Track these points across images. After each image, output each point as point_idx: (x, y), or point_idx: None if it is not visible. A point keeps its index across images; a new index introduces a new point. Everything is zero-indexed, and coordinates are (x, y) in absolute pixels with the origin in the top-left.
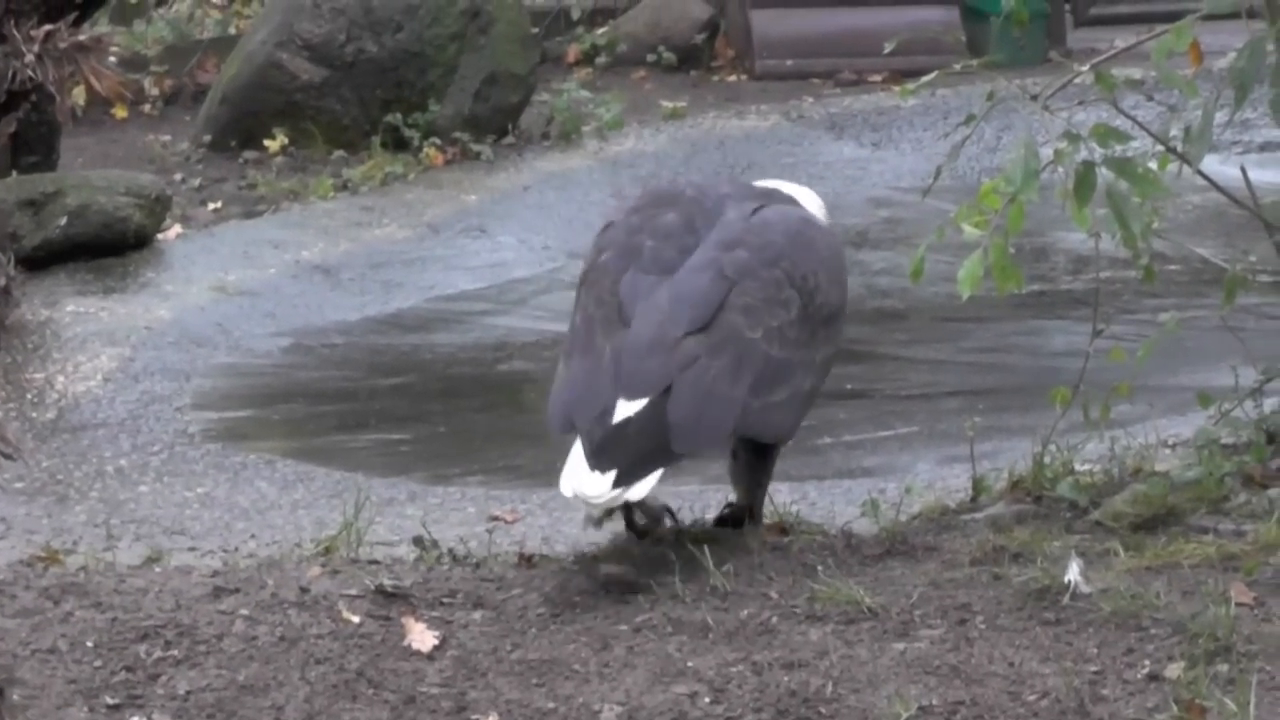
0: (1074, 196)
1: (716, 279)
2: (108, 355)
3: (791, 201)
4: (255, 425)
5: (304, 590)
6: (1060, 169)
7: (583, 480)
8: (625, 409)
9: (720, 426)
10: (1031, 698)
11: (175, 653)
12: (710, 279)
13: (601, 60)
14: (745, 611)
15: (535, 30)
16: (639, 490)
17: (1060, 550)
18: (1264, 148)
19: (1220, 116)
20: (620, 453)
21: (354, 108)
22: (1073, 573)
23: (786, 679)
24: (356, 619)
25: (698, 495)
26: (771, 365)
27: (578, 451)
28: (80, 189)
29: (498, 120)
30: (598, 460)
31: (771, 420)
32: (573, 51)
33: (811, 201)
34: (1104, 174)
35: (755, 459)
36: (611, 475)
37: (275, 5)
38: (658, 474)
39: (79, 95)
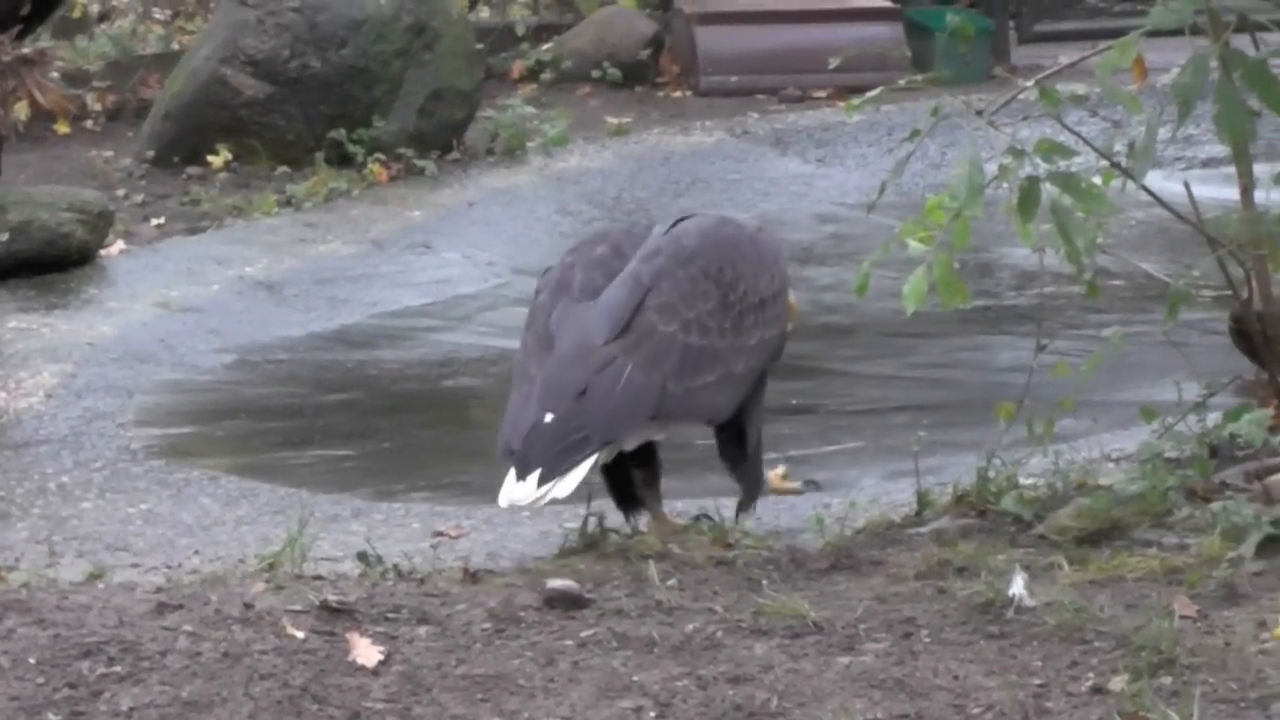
0: (1018, 212)
1: (633, 289)
2: (50, 372)
3: (725, 214)
4: (199, 441)
5: (248, 606)
6: (1005, 184)
7: (512, 489)
8: (547, 419)
9: (636, 413)
10: (976, 711)
11: (119, 669)
12: (628, 290)
13: (546, 76)
14: (691, 626)
15: (480, 46)
16: (566, 486)
17: (1005, 564)
18: (1207, 163)
19: (1164, 132)
20: (539, 453)
21: (298, 124)
22: (1017, 586)
23: (732, 693)
24: (301, 635)
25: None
26: (692, 353)
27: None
28: (23, 205)
29: (443, 136)
30: (522, 467)
31: (701, 402)
32: (518, 68)
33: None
34: (1048, 189)
35: (730, 444)
36: (535, 476)
37: (219, 21)
38: (584, 466)
39: (21, 110)
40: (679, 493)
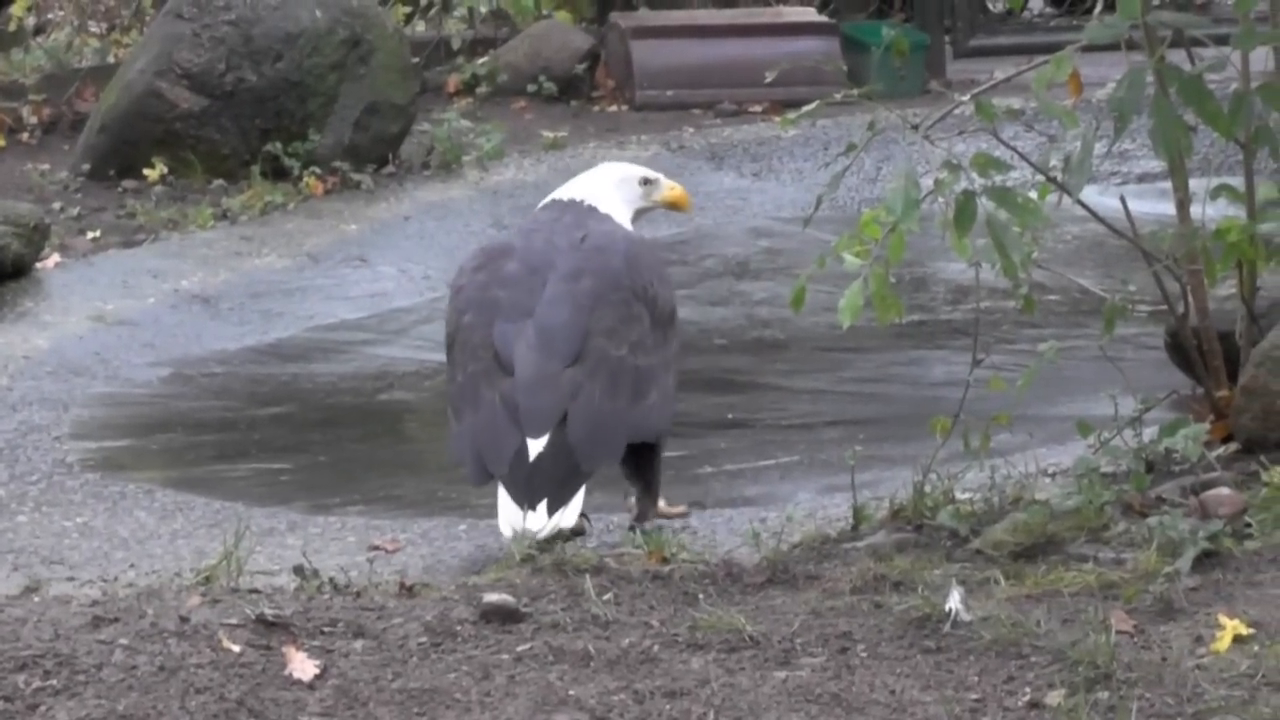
0: (954, 226)
1: (574, 311)
2: None
3: (596, 214)
4: (134, 455)
5: (184, 620)
6: (940, 199)
7: (519, 518)
8: (535, 446)
9: (616, 440)
10: None
11: (54, 683)
12: (569, 313)
13: (482, 90)
14: (627, 640)
15: (415, 60)
16: (571, 513)
17: (941, 578)
18: (1142, 178)
19: (1099, 147)
20: (544, 485)
21: (233, 137)
22: (953, 601)
23: (668, 707)
24: (237, 648)
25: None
26: (640, 375)
27: (505, 494)
28: None
29: (378, 150)
30: (530, 496)
31: (649, 421)
32: (453, 81)
33: (603, 196)
34: (984, 204)
35: (643, 459)
36: (544, 506)
37: (154, 34)
38: (580, 493)
39: None
40: (615, 506)
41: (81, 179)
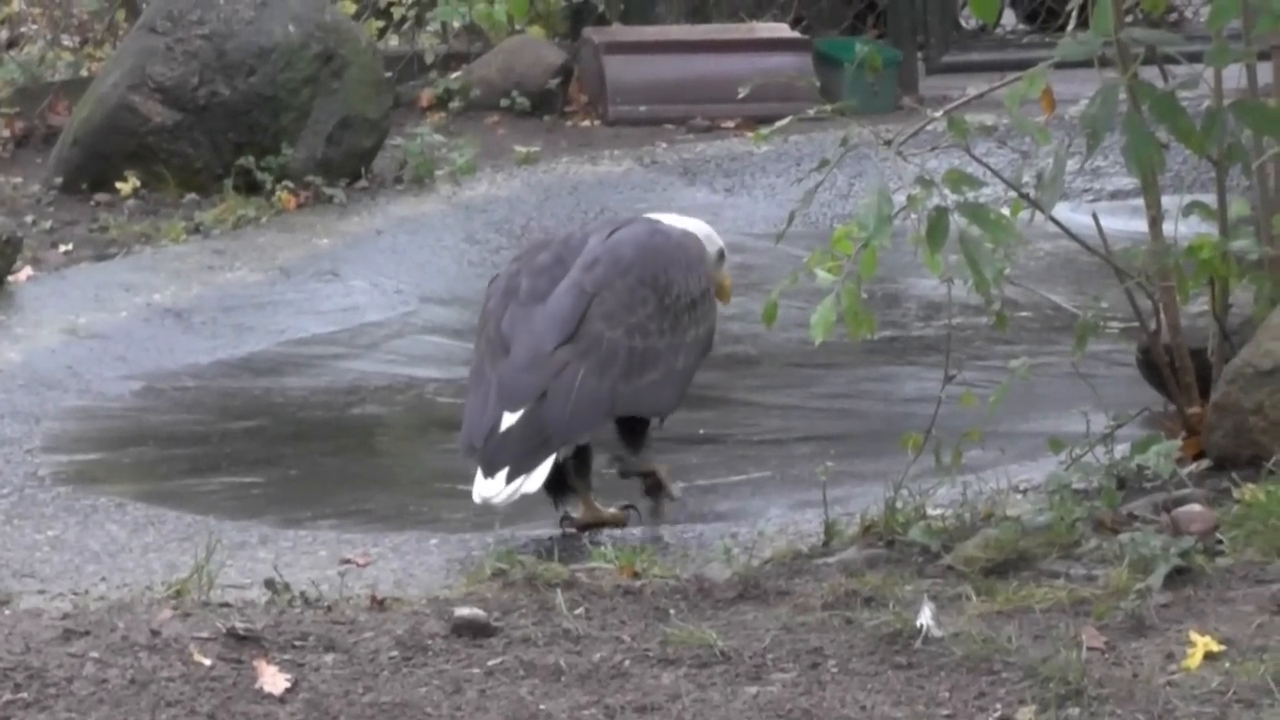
0: (927, 242)
1: (578, 296)
2: None
3: (652, 222)
4: (106, 468)
5: (155, 633)
6: (913, 215)
7: (483, 486)
8: (508, 420)
9: (593, 415)
10: None
11: (25, 695)
12: (573, 298)
13: (455, 105)
14: (598, 655)
15: (389, 75)
16: (534, 482)
17: (912, 594)
18: (1115, 195)
19: (1072, 163)
20: (507, 454)
21: (206, 151)
22: (924, 617)
23: None
24: (208, 662)
25: None
26: (636, 355)
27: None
28: None
29: (351, 164)
30: (490, 467)
31: (648, 398)
32: (426, 96)
33: (690, 225)
34: (957, 220)
35: (633, 431)
36: (504, 474)
37: (127, 48)
38: (548, 464)
39: None
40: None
41: (54, 192)
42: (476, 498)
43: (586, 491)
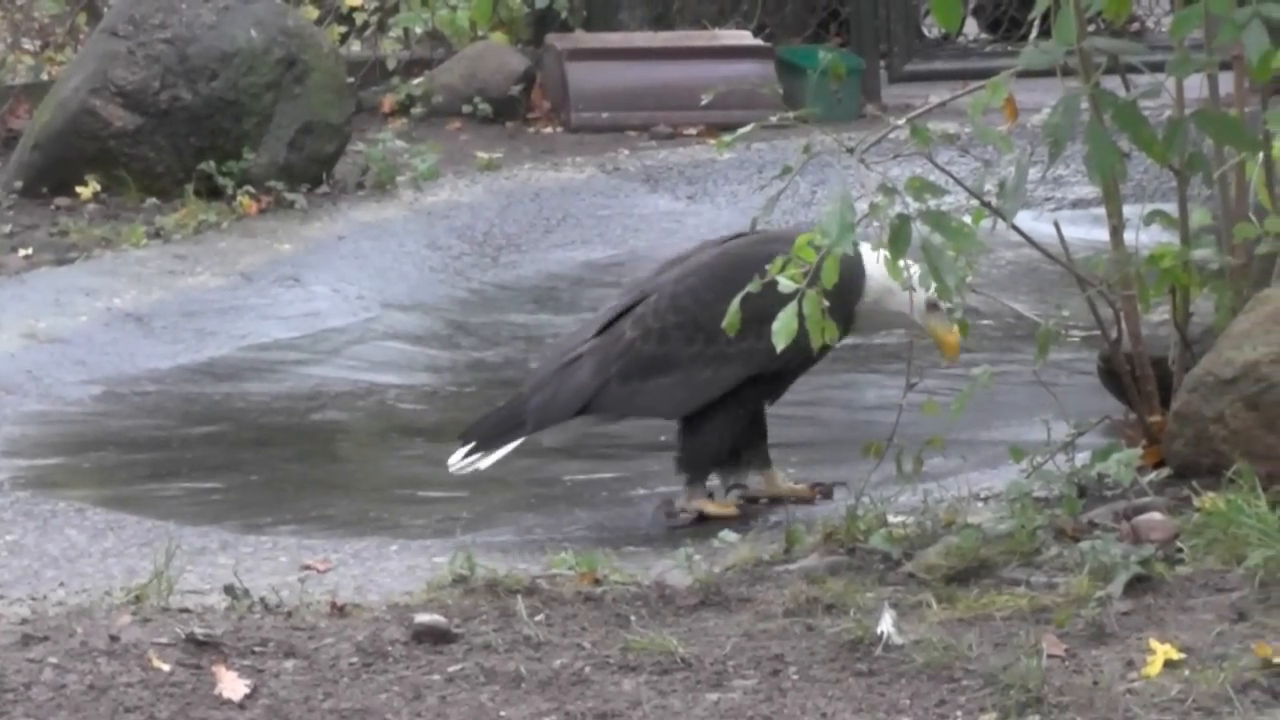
0: (889, 249)
1: (633, 296)
2: None
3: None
4: (65, 473)
5: (114, 639)
6: (876, 222)
7: (451, 455)
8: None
9: (568, 406)
10: None
11: None
12: (629, 297)
13: (417, 111)
14: (559, 661)
15: (351, 80)
16: (487, 461)
17: (873, 602)
18: (1077, 204)
19: (1034, 172)
20: (481, 431)
21: (168, 155)
22: (885, 624)
23: None
24: (167, 667)
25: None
26: (645, 359)
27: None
28: None
29: (313, 169)
30: (464, 438)
31: (646, 400)
32: (388, 102)
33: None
34: (919, 227)
35: (683, 434)
36: (468, 448)
37: (89, 52)
38: (511, 446)
39: None
40: (547, 528)
41: (14, 196)
42: (450, 465)
43: (768, 464)
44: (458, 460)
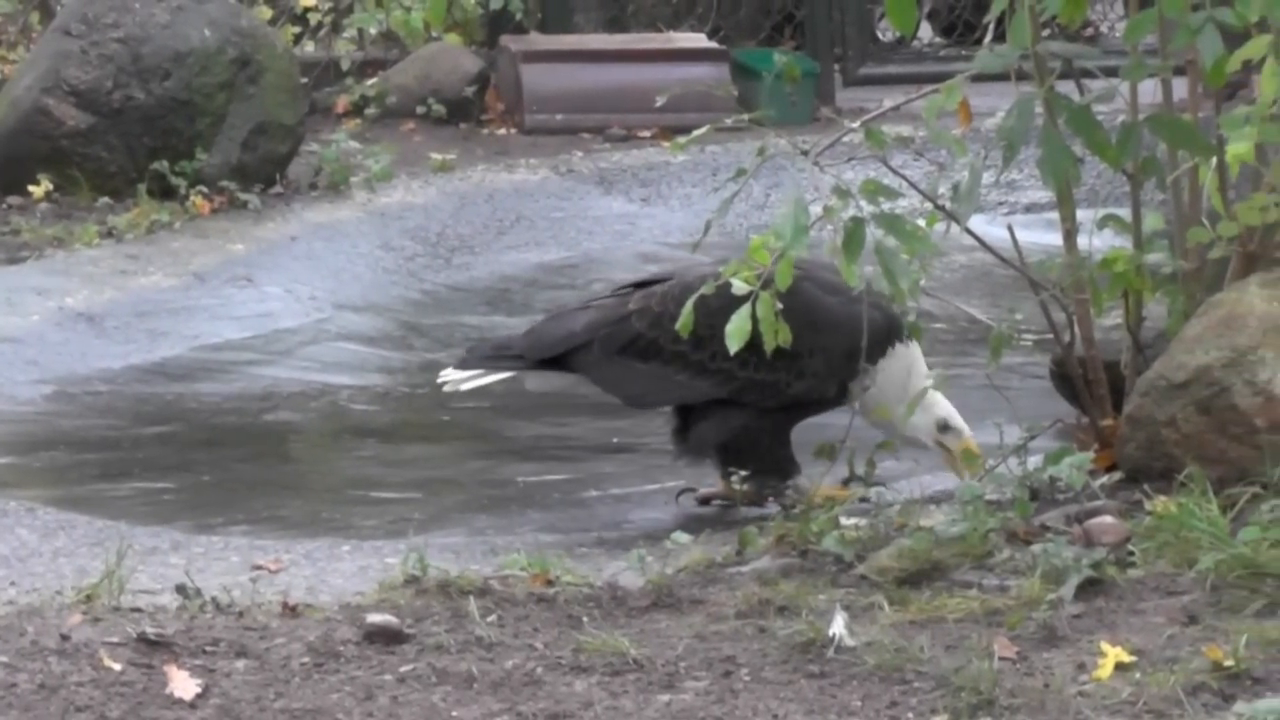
0: (843, 252)
1: (663, 274)
2: None
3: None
4: (16, 473)
5: (65, 638)
6: (829, 225)
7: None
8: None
9: (553, 346)
10: None
11: None
12: (659, 275)
13: (371, 112)
14: (510, 662)
15: (305, 81)
16: (468, 382)
17: (825, 604)
18: (1030, 208)
19: (988, 176)
20: (475, 354)
21: (121, 155)
22: (837, 626)
23: None
24: (118, 667)
25: None
26: (631, 334)
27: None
28: None
29: (266, 170)
30: (460, 361)
31: (615, 377)
32: (342, 102)
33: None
34: (873, 230)
35: (720, 452)
36: (455, 367)
37: (42, 51)
38: (494, 377)
39: None
40: (500, 529)
41: None
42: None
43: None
44: (449, 374)
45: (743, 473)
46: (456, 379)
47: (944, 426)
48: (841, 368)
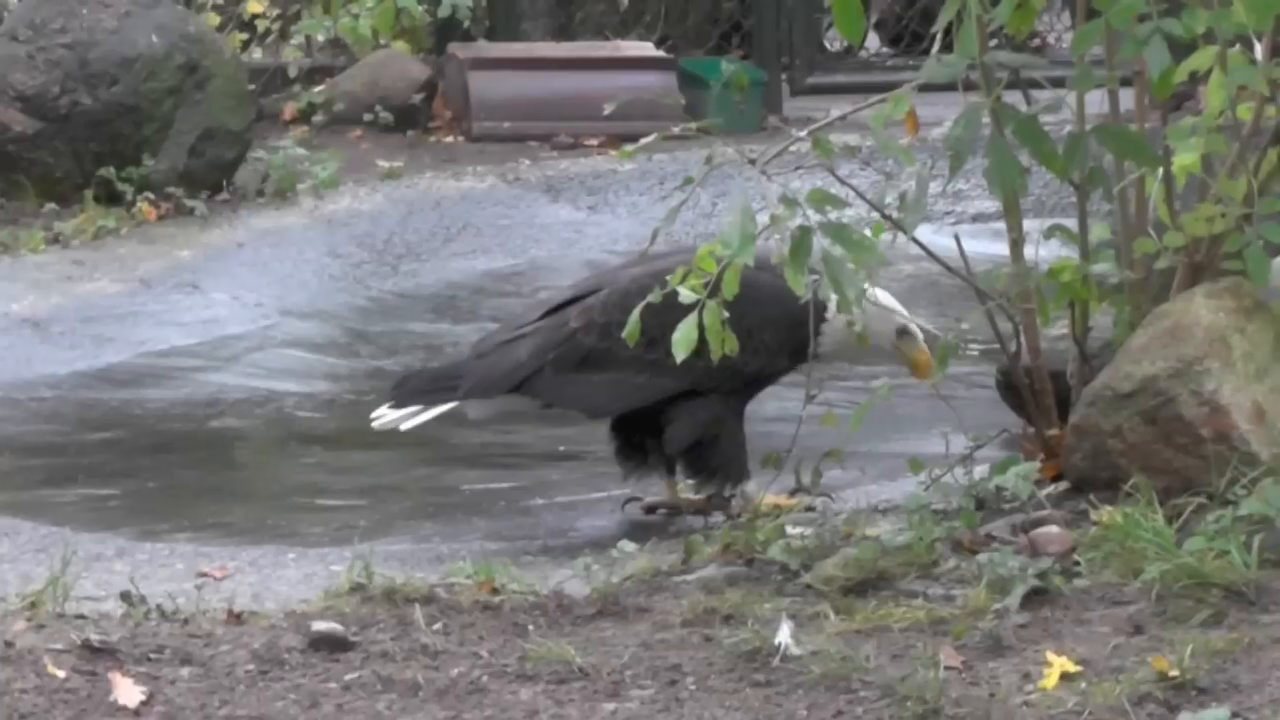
0: (790, 261)
1: (591, 288)
2: None
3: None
4: None
5: (9, 645)
6: (777, 234)
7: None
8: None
9: (501, 382)
10: None
11: None
12: (588, 287)
13: (318, 119)
14: (456, 670)
15: (252, 87)
16: (404, 420)
17: (771, 612)
18: (977, 218)
19: (935, 185)
20: (409, 389)
21: (67, 160)
22: (783, 635)
23: None
24: (62, 674)
25: None
26: (582, 350)
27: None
28: None
29: (213, 176)
30: (392, 393)
31: (575, 393)
32: (290, 109)
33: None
34: (820, 240)
35: (689, 454)
36: (389, 405)
37: None
38: (435, 411)
39: None
40: (446, 536)
41: None
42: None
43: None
44: (382, 414)
45: (704, 475)
46: (392, 419)
47: (903, 331)
48: (789, 338)
